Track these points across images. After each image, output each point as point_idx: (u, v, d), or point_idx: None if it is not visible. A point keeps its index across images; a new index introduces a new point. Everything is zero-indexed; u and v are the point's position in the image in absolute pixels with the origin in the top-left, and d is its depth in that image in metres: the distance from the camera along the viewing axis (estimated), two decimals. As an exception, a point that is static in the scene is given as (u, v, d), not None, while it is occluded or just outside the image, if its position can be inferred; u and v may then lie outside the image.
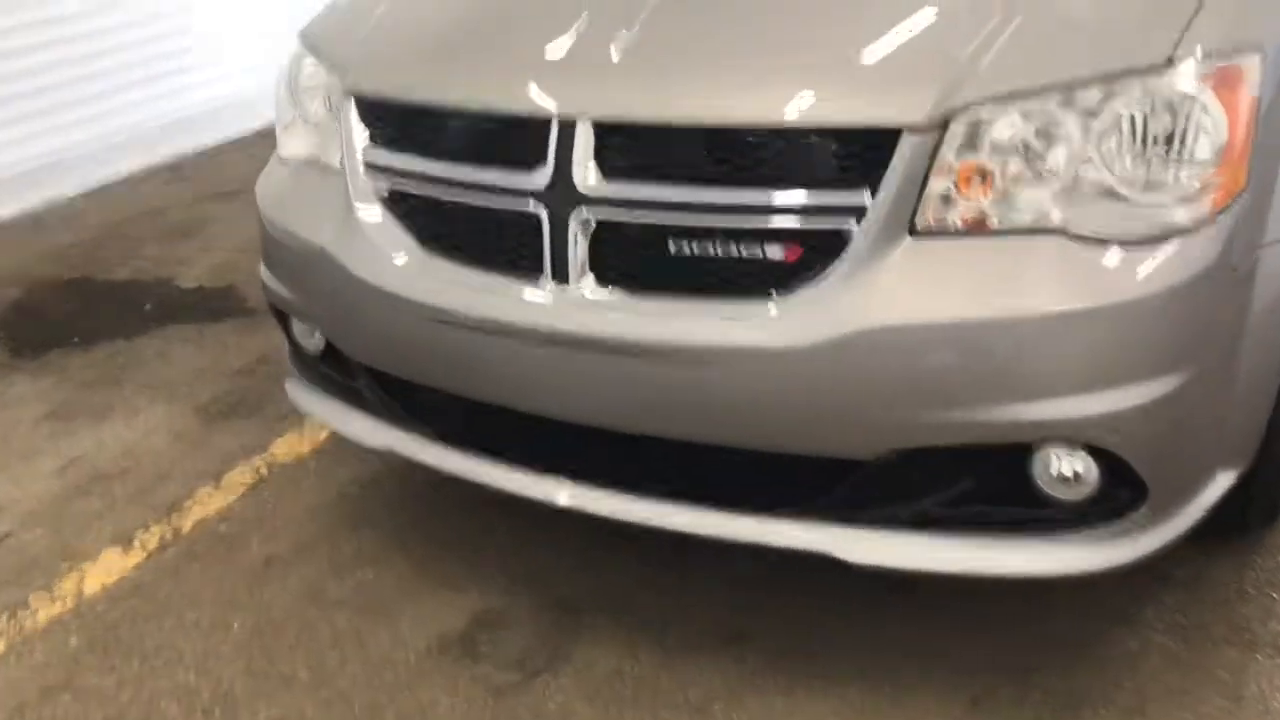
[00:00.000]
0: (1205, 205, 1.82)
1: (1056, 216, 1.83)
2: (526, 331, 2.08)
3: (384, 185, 2.30)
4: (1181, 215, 1.82)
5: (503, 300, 2.12)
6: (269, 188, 2.58)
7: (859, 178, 1.87)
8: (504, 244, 2.15)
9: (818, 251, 1.90)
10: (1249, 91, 1.84)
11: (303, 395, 2.67)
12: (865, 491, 1.99)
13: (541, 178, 2.05)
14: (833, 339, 1.85)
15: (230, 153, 5.83)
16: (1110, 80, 1.82)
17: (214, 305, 4.14)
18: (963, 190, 1.87)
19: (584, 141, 2.01)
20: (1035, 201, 1.85)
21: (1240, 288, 1.91)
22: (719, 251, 1.96)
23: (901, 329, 1.83)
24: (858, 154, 1.87)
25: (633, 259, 2.03)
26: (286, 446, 3.22)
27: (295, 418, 3.32)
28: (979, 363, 1.83)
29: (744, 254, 1.95)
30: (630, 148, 2.00)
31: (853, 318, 1.85)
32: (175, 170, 5.68)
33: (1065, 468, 1.92)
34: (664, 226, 1.99)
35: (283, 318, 2.67)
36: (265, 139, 2.85)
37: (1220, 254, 1.84)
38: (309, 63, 2.55)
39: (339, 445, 3.15)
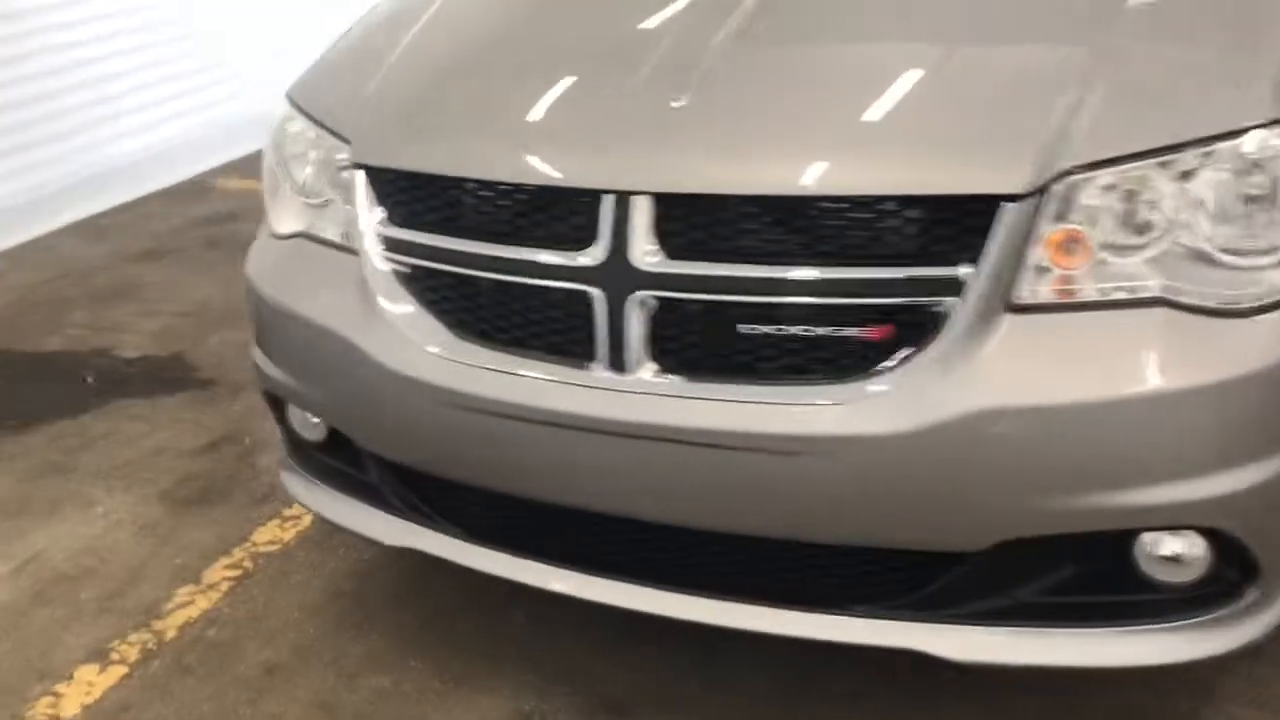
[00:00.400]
0: None
1: (1156, 285, 1.73)
2: (581, 422, 1.91)
3: (405, 264, 2.11)
4: None
5: (552, 388, 1.94)
6: (264, 264, 2.36)
7: (957, 250, 1.74)
8: (550, 327, 1.97)
9: (910, 329, 1.77)
10: None
11: (304, 490, 2.45)
12: (960, 584, 1.86)
13: (595, 255, 1.89)
14: (935, 424, 1.72)
15: (152, 207, 5.52)
16: (1205, 143, 1.73)
17: (163, 376, 3.85)
18: (1059, 261, 1.75)
19: (643, 216, 1.85)
20: (1134, 271, 1.75)
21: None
22: (796, 332, 1.81)
23: (1009, 412, 1.70)
24: (955, 225, 1.74)
25: (697, 342, 1.87)
26: (268, 534, 2.98)
27: (273, 502, 3.09)
28: (1092, 446, 1.71)
29: (827, 334, 1.80)
30: (696, 222, 1.84)
31: (956, 401, 1.72)
32: (95, 228, 5.34)
33: (1170, 549, 1.81)
34: (734, 306, 1.83)
35: (277, 405, 2.45)
36: (189, 193, 2.62)
37: None
38: (302, 126, 2.34)
39: (324, 531, 2.93)
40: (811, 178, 1.79)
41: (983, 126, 1.80)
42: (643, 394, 1.88)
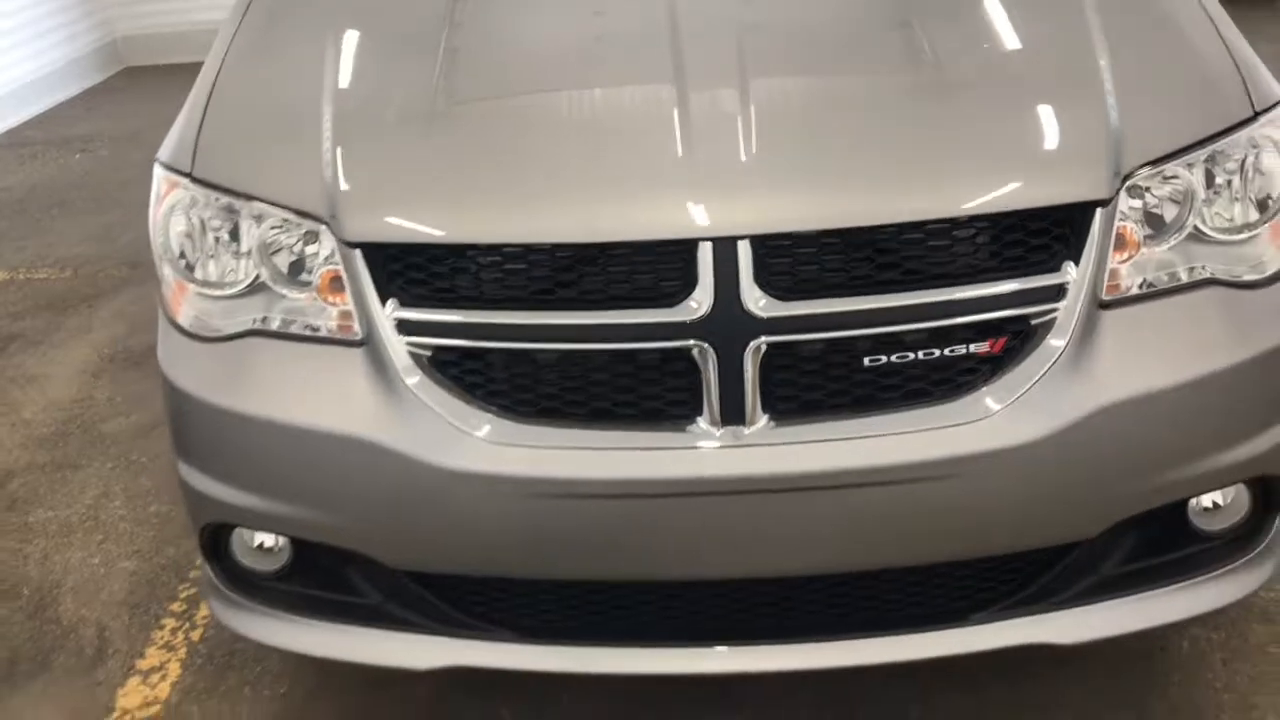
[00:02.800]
0: None
1: (1203, 267, 1.91)
2: (699, 486, 1.78)
3: (433, 347, 1.84)
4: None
5: (659, 456, 1.78)
6: (204, 372, 1.94)
7: (1062, 257, 1.82)
8: (642, 392, 1.81)
9: (1021, 338, 1.82)
10: None
11: (266, 628, 2.06)
12: (1066, 572, 1.95)
13: (699, 308, 1.76)
14: (1064, 426, 1.78)
15: None
16: (1221, 136, 1.94)
17: None
18: (1123, 255, 1.89)
19: (747, 261, 1.75)
20: (1169, 259, 1.92)
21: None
22: (919, 357, 1.81)
23: (1128, 403, 1.81)
24: (1058, 233, 1.82)
25: (813, 383, 1.81)
26: (136, 697, 2.46)
27: (114, 657, 2.57)
28: (1189, 422, 1.86)
29: (947, 355, 1.81)
30: (800, 262, 1.77)
31: (1079, 401, 1.80)
32: None
33: (1214, 500, 2.02)
34: (856, 341, 1.79)
35: (218, 536, 2.04)
36: None
37: None
38: (220, 206, 1.96)
39: (208, 674, 2.48)
40: (915, 205, 1.79)
41: (1060, 140, 1.89)
42: (768, 445, 1.78)
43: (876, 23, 2.21)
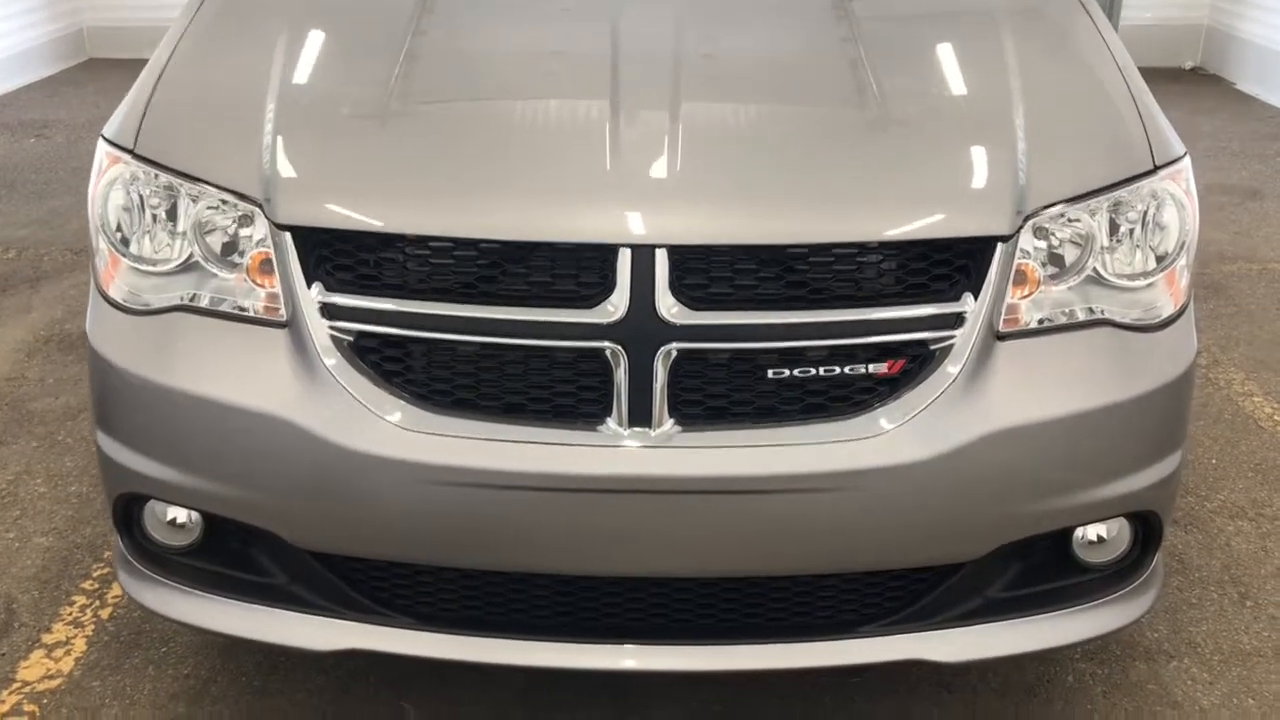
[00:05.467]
0: (1186, 286, 2.12)
1: (1099, 308, 2.01)
2: (604, 483, 1.84)
3: (355, 333, 1.89)
4: (1178, 298, 2.09)
5: (567, 451, 1.85)
6: (130, 343, 1.98)
7: (962, 287, 1.91)
8: (555, 388, 1.87)
9: (919, 362, 1.91)
10: (1192, 185, 2.16)
11: (171, 602, 2.09)
12: (951, 592, 2.03)
13: (614, 311, 1.83)
14: (953, 448, 1.87)
15: None
16: (1120, 186, 2.05)
17: None
18: (1023, 290, 1.98)
19: (664, 269, 1.83)
20: (1067, 298, 2.02)
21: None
22: (814, 373, 1.89)
23: (1015, 431, 1.90)
24: (958, 264, 1.91)
25: (719, 391, 1.88)
26: (38, 669, 2.47)
27: (18, 630, 2.57)
28: (1075, 453, 1.95)
29: (848, 372, 1.89)
30: (715, 274, 1.85)
31: (969, 425, 1.88)
32: None
33: (1098, 533, 2.11)
34: (761, 353, 1.87)
35: (130, 508, 2.07)
36: None
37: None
38: (159, 184, 2.01)
39: (113, 650, 2.49)
40: (833, 227, 1.88)
41: (969, 178, 2.00)
42: (673, 448, 1.85)
43: (812, 60, 2.32)
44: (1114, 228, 2.05)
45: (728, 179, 1.94)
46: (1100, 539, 2.11)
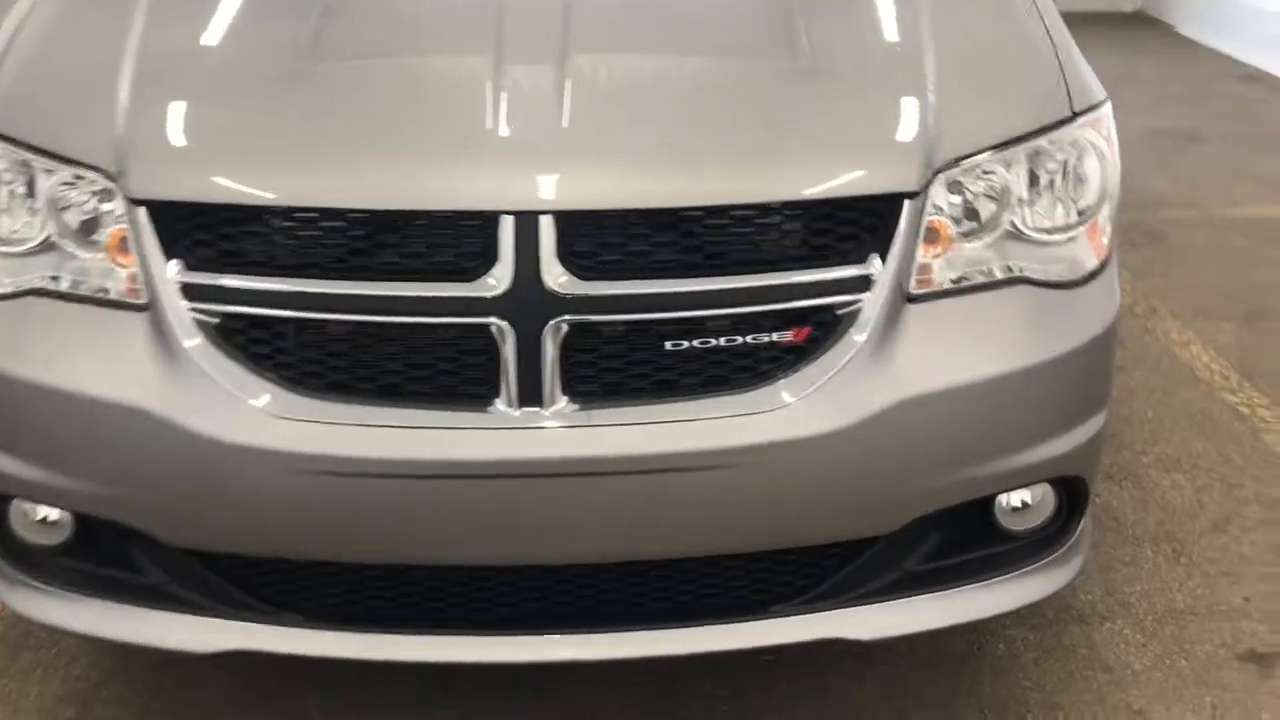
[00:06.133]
0: (1108, 239, 2.02)
1: (1017, 265, 1.91)
2: (495, 468, 1.73)
3: (218, 314, 1.76)
4: (1100, 252, 2.00)
5: (453, 436, 1.73)
6: None
7: (868, 248, 1.80)
8: (437, 368, 1.75)
9: (825, 328, 1.80)
10: (1113, 132, 2.06)
11: (42, 605, 1.96)
12: (867, 567, 1.94)
13: (497, 284, 1.71)
14: (863, 418, 1.77)
15: None
16: (1037, 135, 1.94)
17: None
18: (927, 252, 1.88)
19: (550, 237, 1.71)
20: (983, 255, 1.92)
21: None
22: (720, 343, 1.78)
23: (928, 398, 1.80)
24: (863, 224, 1.80)
25: (615, 365, 1.77)
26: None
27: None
28: (993, 419, 1.86)
29: (750, 342, 1.78)
30: (605, 241, 1.73)
31: (879, 393, 1.78)
32: None
33: (1022, 499, 2.02)
34: (658, 324, 1.75)
35: (-6, 505, 1.94)
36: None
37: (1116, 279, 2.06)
38: (18, 160, 1.86)
39: (1, 653, 2.36)
40: (729, 188, 1.76)
41: (873, 131, 1.88)
42: (567, 428, 1.74)
43: (710, 12, 2.18)
44: (1032, 180, 1.95)
45: (619, 137, 1.81)
46: (1024, 505, 2.02)
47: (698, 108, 1.89)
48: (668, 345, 1.76)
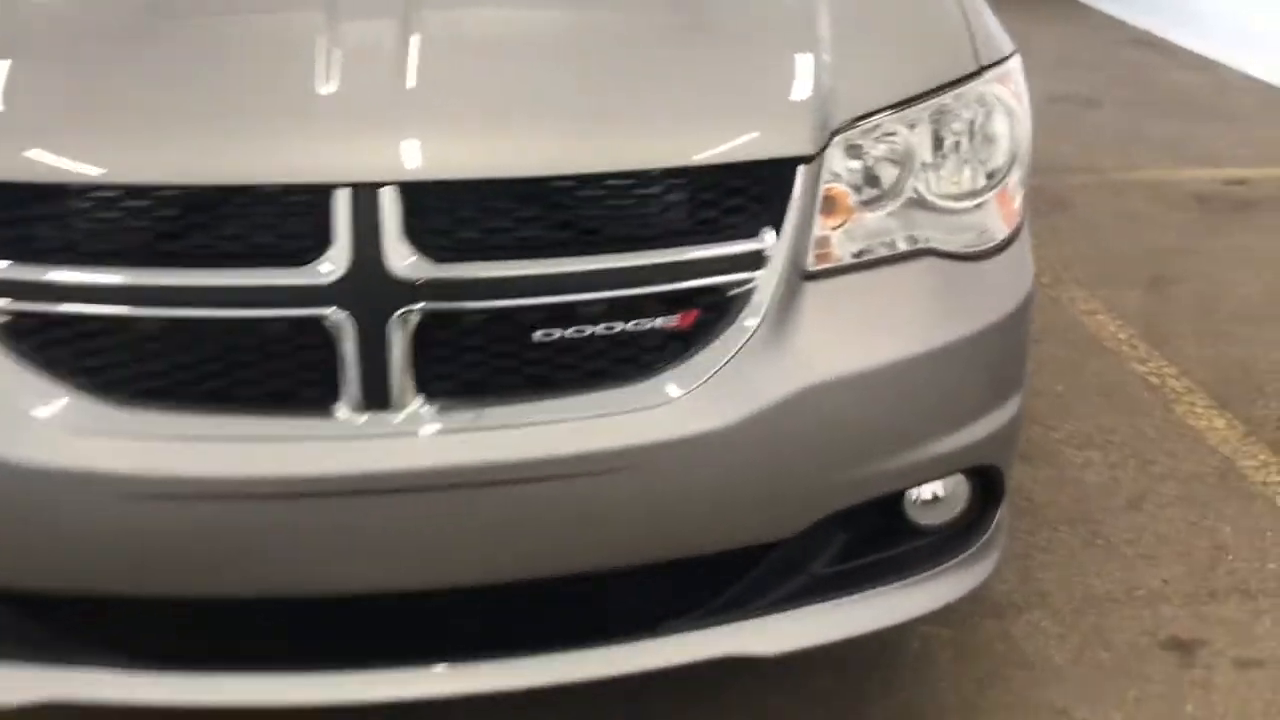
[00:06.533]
0: (1020, 205, 1.86)
1: (923, 236, 1.73)
2: (334, 484, 1.49)
3: (3, 312, 1.49)
4: (1012, 219, 1.83)
5: (283, 449, 1.49)
6: None
7: (759, 221, 1.59)
8: (260, 369, 1.51)
9: (714, 312, 1.60)
10: (1023, 88, 1.89)
11: None
12: (768, 573, 1.75)
13: (332, 268, 1.47)
14: (758, 411, 1.57)
15: None
16: (941, 92, 1.76)
17: None
18: (826, 223, 1.69)
19: (393, 212, 1.47)
20: (885, 225, 1.74)
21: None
22: (591, 332, 1.56)
23: (829, 386, 1.61)
24: (754, 194, 1.59)
25: (477, 360, 1.54)
26: None
27: None
28: (902, 406, 1.68)
29: (632, 329, 1.57)
30: (460, 216, 1.50)
31: (775, 383, 1.59)
32: None
33: (934, 491, 1.85)
34: (516, 312, 1.53)
35: None
36: None
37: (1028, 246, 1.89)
38: None
39: None
40: (600, 154, 1.54)
41: (758, 90, 1.67)
42: (422, 434, 1.51)
43: None
44: (937, 141, 1.76)
45: (474, 97, 1.58)
46: (935, 498, 1.85)
47: (567, 66, 1.66)
48: (537, 335, 1.54)
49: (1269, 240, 4.09)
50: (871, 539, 1.83)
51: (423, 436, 1.51)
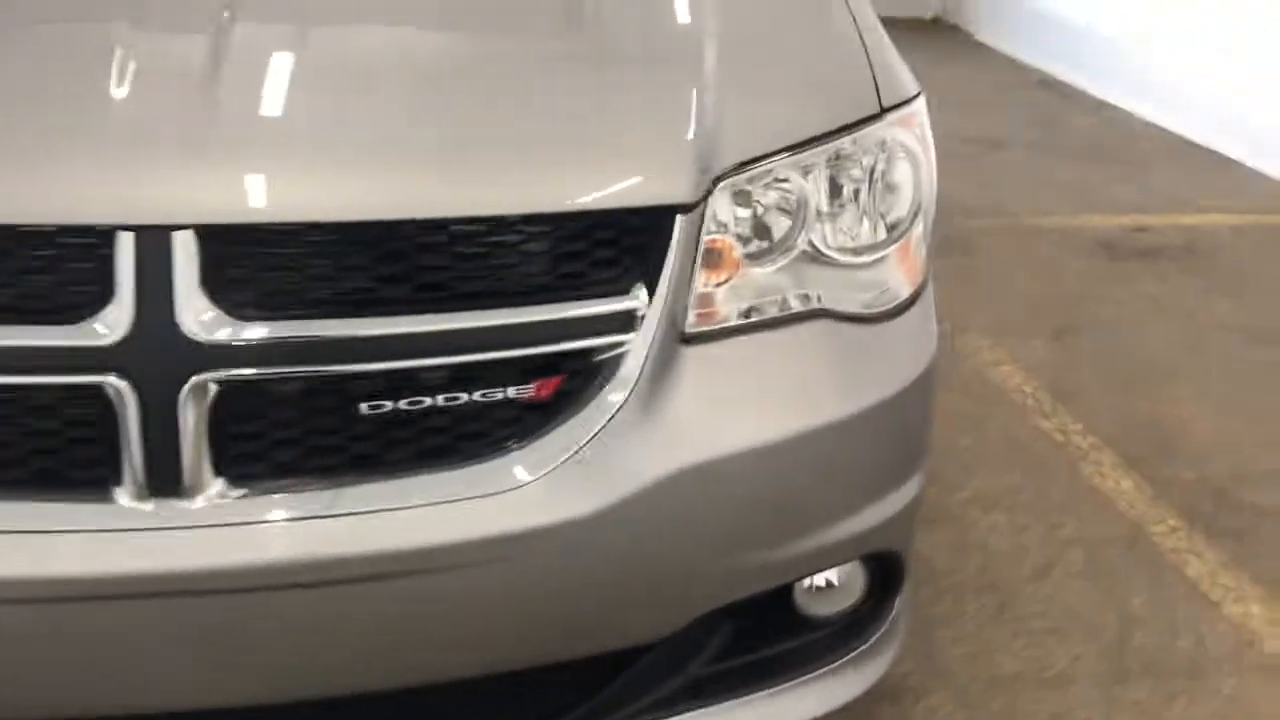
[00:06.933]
0: (924, 260, 1.68)
1: (817, 294, 1.54)
2: (110, 585, 1.24)
3: None
4: (915, 275, 1.65)
5: (50, 542, 1.24)
6: None
7: (631, 276, 1.38)
8: (22, 446, 1.25)
9: (576, 381, 1.38)
10: (928, 132, 1.72)
11: None
12: (641, 677, 1.53)
13: (107, 330, 1.22)
14: (627, 496, 1.36)
15: None
16: (838, 135, 1.57)
17: None
18: (710, 278, 1.49)
19: (188, 261, 1.23)
20: (777, 282, 1.54)
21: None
22: (430, 404, 1.33)
23: (709, 467, 1.40)
24: (626, 246, 1.38)
25: (287, 437, 1.30)
26: None
27: None
28: (800, 485, 1.48)
29: (478, 400, 1.34)
30: (269, 266, 1.27)
31: (650, 462, 1.37)
32: None
33: (826, 579, 1.66)
34: (338, 380, 1.29)
35: None
36: None
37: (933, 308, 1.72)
38: None
39: None
40: (436, 195, 1.31)
41: (632, 129, 1.45)
42: (217, 525, 1.26)
43: None
44: (835, 189, 1.58)
45: (292, 126, 1.34)
46: (828, 585, 1.66)
47: (408, 93, 1.43)
48: (364, 408, 1.31)
49: (1175, 290, 4.01)
50: (757, 632, 1.62)
51: (220, 528, 1.26)
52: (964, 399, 3.24)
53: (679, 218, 1.40)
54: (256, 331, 1.25)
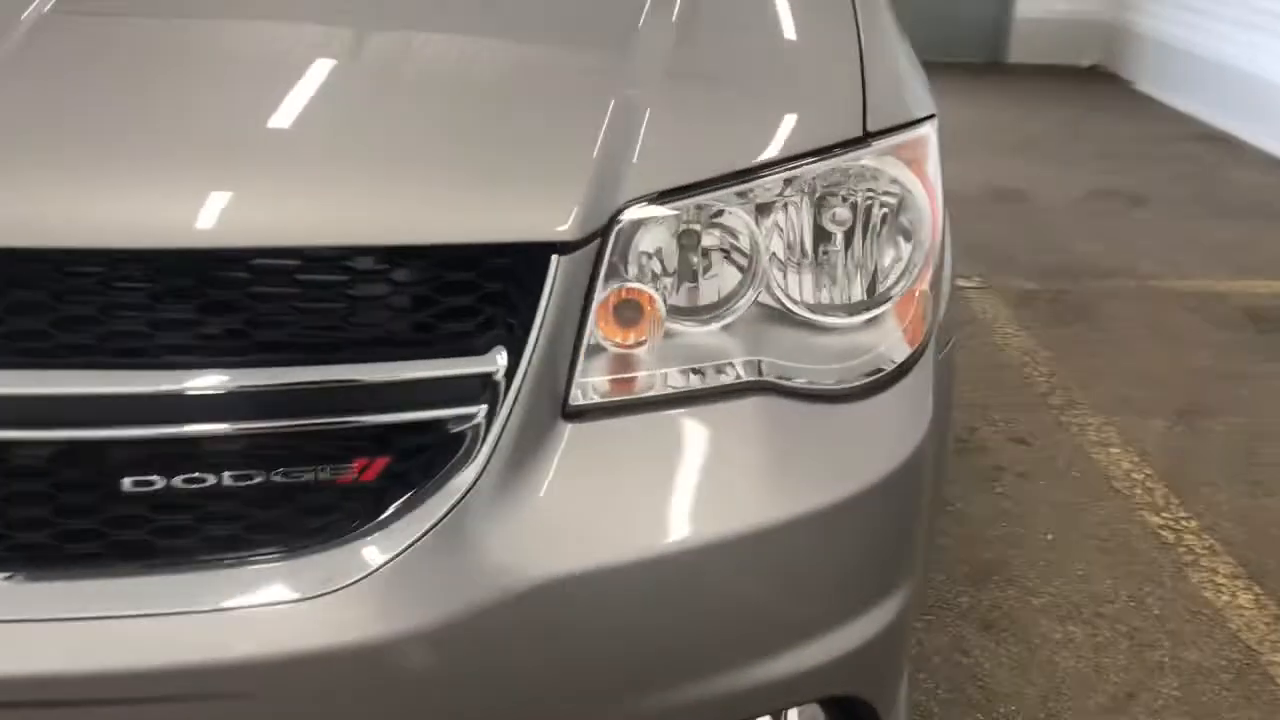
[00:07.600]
0: (921, 320, 1.33)
1: (741, 362, 1.21)
2: None
3: None
4: (915, 335, 1.30)
5: None
6: None
7: (485, 331, 1.09)
8: None
9: (419, 462, 1.09)
10: (935, 166, 1.37)
11: None
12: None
13: None
14: (473, 611, 1.05)
15: None
16: (803, 161, 1.25)
17: None
18: (616, 336, 1.18)
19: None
20: (713, 344, 1.22)
21: (945, 435, 1.44)
22: (212, 483, 1.05)
23: (581, 581, 1.08)
24: (484, 294, 1.09)
25: (28, 517, 1.04)
26: None
27: None
28: (700, 612, 1.14)
29: (282, 481, 1.06)
30: (33, 301, 1.02)
31: (500, 571, 1.06)
32: None
33: (776, 724, 1.31)
34: (97, 449, 1.03)
35: None
36: None
37: (946, 387, 1.36)
38: None
39: None
40: (239, 222, 1.05)
41: (498, 146, 1.16)
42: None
43: None
44: (819, 232, 1.26)
45: (80, 142, 1.09)
46: (784, 729, 1.31)
47: (218, 98, 1.17)
48: (126, 484, 1.04)
49: (1329, 370, 3.48)
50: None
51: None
52: (1059, 485, 2.81)
53: (556, 258, 1.09)
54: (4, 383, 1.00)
